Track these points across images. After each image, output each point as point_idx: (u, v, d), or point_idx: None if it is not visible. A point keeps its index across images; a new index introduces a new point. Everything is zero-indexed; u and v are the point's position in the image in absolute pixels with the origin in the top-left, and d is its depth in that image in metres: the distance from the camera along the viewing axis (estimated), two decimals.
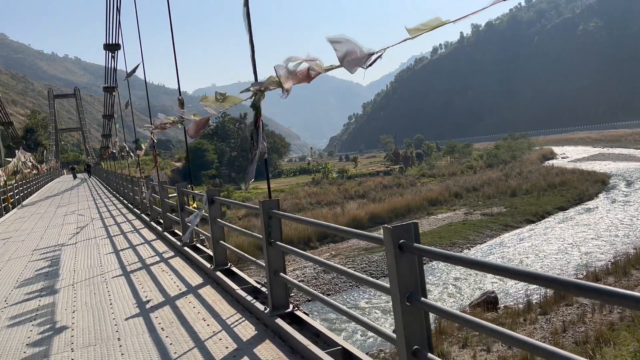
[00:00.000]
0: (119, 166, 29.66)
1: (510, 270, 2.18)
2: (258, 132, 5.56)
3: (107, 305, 5.86)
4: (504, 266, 2.11)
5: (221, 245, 6.65)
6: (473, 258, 2.35)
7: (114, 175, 27.69)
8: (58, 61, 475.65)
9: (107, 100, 27.66)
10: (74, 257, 9.24)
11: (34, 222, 15.99)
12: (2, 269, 8.73)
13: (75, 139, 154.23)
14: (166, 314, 5.31)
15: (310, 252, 26.71)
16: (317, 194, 53.92)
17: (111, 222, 14.32)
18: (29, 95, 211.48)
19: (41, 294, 6.74)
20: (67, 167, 77.95)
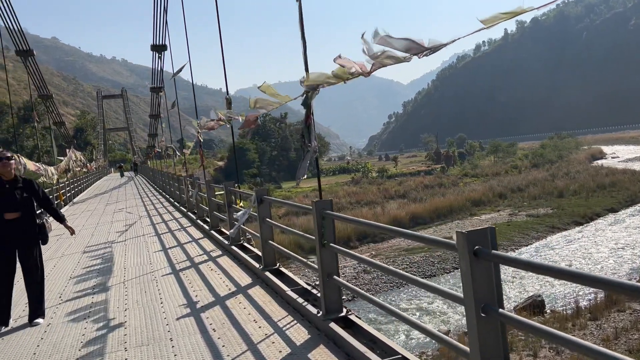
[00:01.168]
0: (165, 165, 30.32)
1: (611, 282, 1.96)
2: (309, 130, 5.44)
3: (157, 304, 5.87)
4: (603, 278, 1.89)
5: (270, 245, 6.57)
6: (562, 267, 2.14)
7: (160, 173, 28.30)
8: (106, 63, 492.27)
9: (153, 100, 28.29)
10: (124, 254, 9.39)
11: (84, 219, 16.46)
12: (56, 265, 8.95)
13: (122, 139, 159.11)
14: (217, 314, 5.27)
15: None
16: (357, 193, 53.71)
17: (158, 219, 14.57)
18: (79, 96, 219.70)
19: (94, 290, 6.84)
20: (115, 166, 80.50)
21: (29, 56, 21.23)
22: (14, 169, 5.59)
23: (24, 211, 5.50)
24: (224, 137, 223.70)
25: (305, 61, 5.42)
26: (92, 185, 38.93)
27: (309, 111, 5.43)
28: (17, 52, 20.64)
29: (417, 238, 2.94)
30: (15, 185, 5.50)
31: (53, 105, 28.99)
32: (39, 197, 5.70)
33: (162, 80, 23.75)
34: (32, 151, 53.30)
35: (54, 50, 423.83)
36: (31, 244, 5.57)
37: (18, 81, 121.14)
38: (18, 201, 5.45)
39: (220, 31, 10.19)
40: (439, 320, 18.72)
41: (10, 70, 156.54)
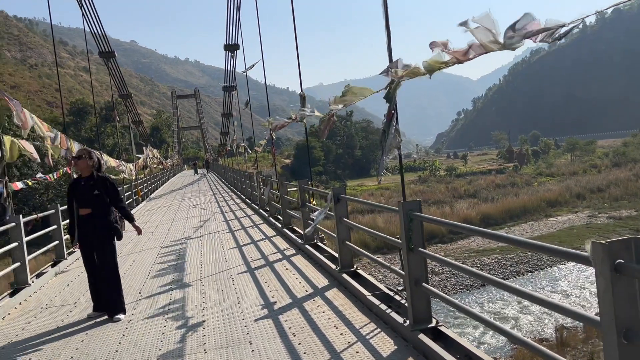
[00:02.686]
0: (236, 162, 30.94)
1: None
2: (391, 125, 5.12)
3: (235, 303, 5.77)
4: None
5: (347, 246, 6.31)
6: None
7: (232, 171, 28.89)
8: (180, 64, 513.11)
9: (226, 99, 28.91)
10: (200, 250, 9.48)
11: (161, 215, 16.98)
12: (136, 260, 9.16)
13: (195, 137, 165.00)
14: (295, 317, 5.07)
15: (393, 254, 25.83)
16: (424, 192, 52.64)
17: (231, 216, 14.74)
18: (155, 97, 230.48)
19: (172, 287, 6.88)
20: (188, 163, 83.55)
21: (110, 57, 22.31)
22: (90, 167, 5.73)
23: (96, 207, 5.63)
24: (290, 135, 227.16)
25: (390, 51, 5.11)
26: (168, 182, 40.46)
27: (391, 105, 5.11)
28: (100, 53, 21.75)
29: (540, 249, 2.56)
30: (90, 182, 5.69)
31: (132, 105, 30.37)
32: (109, 194, 5.75)
33: (235, 79, 24.17)
34: (112, 149, 56.26)
35: (132, 53, 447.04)
36: (103, 240, 5.68)
37: (100, 83, 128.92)
38: (90, 197, 5.62)
39: (295, 30, 10.08)
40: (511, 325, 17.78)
41: (93, 72, 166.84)
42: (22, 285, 7.24)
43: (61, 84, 21.37)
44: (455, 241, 31.92)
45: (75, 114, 70.62)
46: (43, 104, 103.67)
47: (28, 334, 5.40)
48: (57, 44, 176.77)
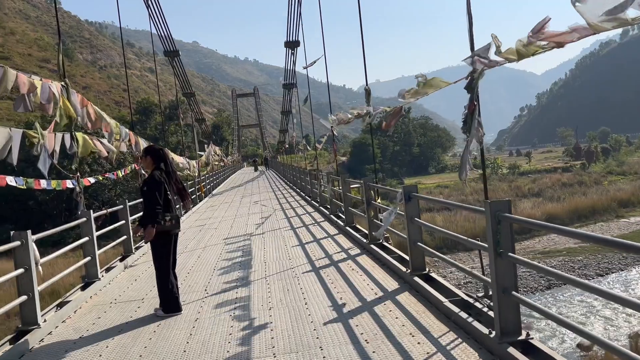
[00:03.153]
0: (294, 159, 31.03)
1: None
2: (473, 117, 4.73)
3: (302, 304, 5.56)
4: None
5: (419, 248, 5.96)
6: None
7: (291, 168, 28.98)
8: (239, 64, 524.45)
9: (285, 97, 29.00)
10: (263, 248, 9.38)
11: (223, 211, 17.17)
12: (201, 256, 9.18)
13: (253, 135, 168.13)
14: (366, 322, 4.79)
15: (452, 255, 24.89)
16: None
17: (292, 213, 14.65)
18: (215, 96, 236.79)
19: (237, 285, 6.77)
20: (247, 160, 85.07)
21: (175, 57, 22.88)
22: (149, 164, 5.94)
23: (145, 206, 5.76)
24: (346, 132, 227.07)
25: (471, 38, 4.72)
26: (228, 179, 41.23)
27: (473, 96, 4.72)
28: (166, 53, 22.36)
29: None
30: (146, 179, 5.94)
31: (195, 103, 31.10)
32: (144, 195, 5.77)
33: (295, 76, 24.17)
34: (176, 146, 58.08)
35: (194, 54, 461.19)
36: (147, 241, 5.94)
37: (164, 83, 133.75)
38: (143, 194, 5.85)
39: (361, 25, 9.78)
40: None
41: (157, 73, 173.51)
42: (93, 279, 7.36)
43: (128, 85, 22.11)
44: (518, 242, 30.58)
45: (141, 113, 73.44)
46: (111, 103, 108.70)
47: (98, 329, 5.42)
48: (125, 46, 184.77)
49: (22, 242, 5.26)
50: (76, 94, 8.30)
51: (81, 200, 8.22)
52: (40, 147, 6.90)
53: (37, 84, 6.85)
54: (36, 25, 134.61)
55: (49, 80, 7.37)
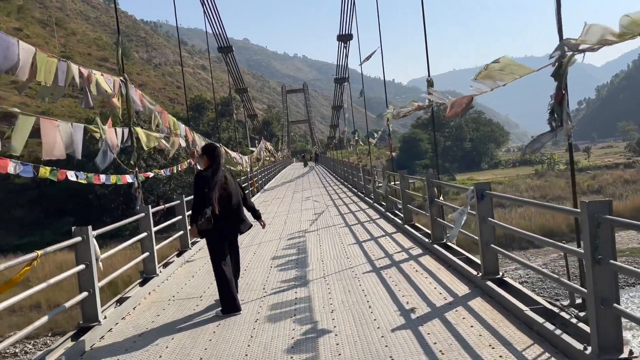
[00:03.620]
0: (345, 155, 30.72)
1: None
2: (562, 107, 4.26)
3: (365, 307, 5.26)
4: None
5: (492, 250, 5.53)
6: None
7: (342, 163, 28.70)
8: (289, 60, 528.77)
9: (337, 92, 28.70)
10: (319, 245, 9.14)
11: (276, 206, 17.09)
12: (257, 253, 9.04)
13: (302, 130, 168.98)
14: (439, 330, 4.43)
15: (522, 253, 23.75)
16: (541, 187, 49.15)
17: (345, 210, 14.36)
18: (265, 92, 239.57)
19: (295, 284, 6.54)
20: (296, 156, 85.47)
21: (228, 52, 23.05)
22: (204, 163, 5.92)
23: (237, 199, 6.05)
24: (395, 127, 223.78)
25: (559, 24, 4.26)
26: (279, 174, 41.42)
27: (561, 84, 4.26)
28: (219, 49, 22.54)
29: None
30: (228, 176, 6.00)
31: (248, 99, 31.32)
32: (241, 189, 6.25)
33: (347, 71, 23.83)
34: (227, 142, 59.05)
35: (245, 51, 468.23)
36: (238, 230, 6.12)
37: (216, 80, 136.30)
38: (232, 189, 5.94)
39: (424, 14, 9.34)
40: None
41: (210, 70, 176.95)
42: (151, 274, 7.34)
43: (181, 81, 22.41)
44: None
45: (194, 110, 75.09)
46: (166, 100, 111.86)
47: (157, 328, 5.31)
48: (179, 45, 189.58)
49: (83, 237, 5.21)
50: (134, 88, 8.32)
51: (139, 195, 8.24)
52: (103, 142, 6.91)
53: (99, 79, 6.86)
54: (95, 26, 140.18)
55: (109, 75, 7.39)
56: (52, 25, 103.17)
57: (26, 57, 5.18)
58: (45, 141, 5.49)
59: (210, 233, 5.58)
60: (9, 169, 4.89)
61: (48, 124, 5.56)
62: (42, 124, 5.44)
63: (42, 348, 17.03)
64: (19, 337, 4.39)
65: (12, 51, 4.73)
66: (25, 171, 5.17)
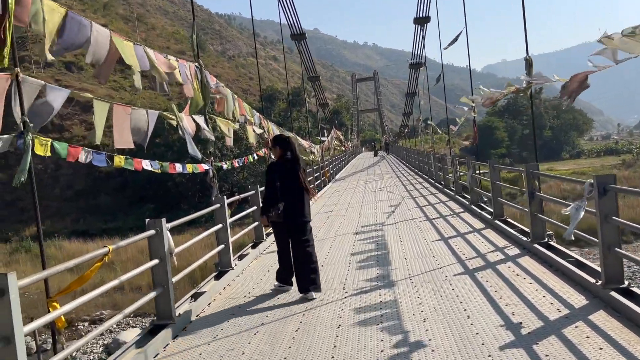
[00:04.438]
0: (418, 143, 29.62)
1: None
2: None
3: (463, 317, 4.60)
4: None
5: (616, 255, 4.67)
6: None
7: (416, 152, 27.70)
8: (358, 49, 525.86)
9: (411, 77, 27.65)
10: (399, 240, 8.50)
11: (349, 197, 16.58)
12: (333, 247, 8.56)
13: (371, 119, 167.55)
14: (558, 351, 3.71)
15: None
16: (630, 178, 45.47)
17: (423, 202, 13.59)
18: (335, 82, 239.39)
19: (378, 284, 5.98)
20: (365, 145, 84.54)
21: (301, 40, 22.69)
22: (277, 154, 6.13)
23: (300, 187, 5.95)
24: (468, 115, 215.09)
25: None
26: (349, 164, 40.90)
27: None
28: (292, 36, 22.25)
29: None
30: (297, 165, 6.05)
31: (319, 87, 30.93)
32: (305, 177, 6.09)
33: (424, 55, 22.78)
34: (297, 132, 59.25)
35: (315, 41, 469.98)
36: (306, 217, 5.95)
37: (287, 70, 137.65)
38: (297, 178, 5.91)
39: None
40: None
41: (280, 61, 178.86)
42: (226, 268, 7.05)
43: (253, 73, 22.32)
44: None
45: (266, 100, 76.07)
46: (239, 91, 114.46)
47: (232, 329, 4.94)
48: (251, 36, 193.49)
49: (156, 231, 4.92)
50: (209, 75, 8.04)
51: (215, 185, 7.98)
52: (181, 130, 6.67)
53: (174, 64, 6.60)
54: (173, 20, 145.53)
55: (184, 61, 7.13)
56: (134, 20, 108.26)
57: (102, 41, 4.94)
58: (117, 129, 5.25)
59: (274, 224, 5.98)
60: (80, 158, 4.66)
61: (120, 111, 5.32)
62: (114, 111, 5.20)
63: (125, 328, 17.67)
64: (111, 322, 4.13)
65: (83, 32, 4.47)
66: (97, 160, 4.94)
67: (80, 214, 43.01)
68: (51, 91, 4.14)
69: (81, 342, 3.81)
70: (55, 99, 4.22)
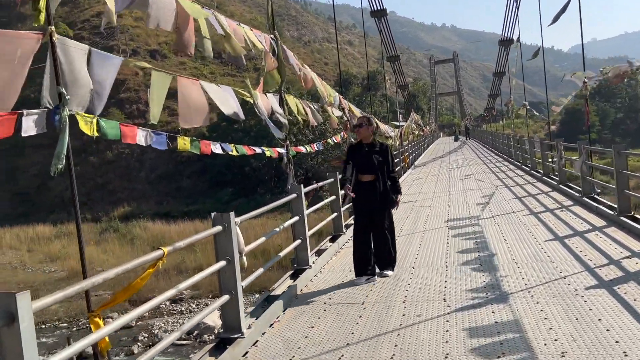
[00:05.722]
0: (506, 127, 27.46)
1: None
2: None
3: (617, 354, 3.42)
4: None
5: None
6: None
7: (504, 137, 25.67)
8: (436, 30, 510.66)
9: (501, 55, 25.50)
10: (502, 239, 7.27)
11: (432, 185, 15.31)
12: (423, 244, 7.49)
13: (448, 103, 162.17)
14: None
15: None
16: None
17: (520, 192, 12.09)
18: (411, 65, 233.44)
19: (488, 297, 4.87)
20: (443, 130, 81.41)
21: (382, 16, 21.43)
22: (371, 133, 5.95)
23: (379, 174, 5.75)
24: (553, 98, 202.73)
25: None
26: (428, 149, 39.10)
27: None
28: (372, 13, 21.04)
29: None
30: (373, 149, 5.84)
31: (399, 68, 29.49)
32: (389, 163, 5.86)
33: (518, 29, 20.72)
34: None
35: (392, 23, 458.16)
36: (383, 207, 5.79)
37: (362, 55, 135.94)
38: (374, 164, 5.75)
39: None
40: None
41: (355, 45, 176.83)
42: (303, 266, 6.22)
43: (329, 58, 21.36)
44: None
45: (340, 84, 75.08)
46: None
47: (311, 349, 4.07)
48: (326, 21, 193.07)
49: (224, 227, 4.12)
50: (286, 49, 7.18)
51: (291, 172, 7.15)
52: (257, 109, 5.89)
53: (248, 34, 5.78)
54: (251, 7, 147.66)
55: (258, 31, 6.30)
56: (214, 8, 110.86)
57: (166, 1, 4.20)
58: (183, 105, 4.49)
59: (354, 203, 5.95)
60: (138, 139, 3.93)
61: (187, 84, 4.55)
62: (179, 84, 4.44)
63: (203, 308, 17.59)
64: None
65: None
66: (158, 142, 4.20)
67: (163, 196, 44.51)
68: (98, 58, 3.40)
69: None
70: (104, 68, 3.49)
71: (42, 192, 45.27)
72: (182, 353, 15.01)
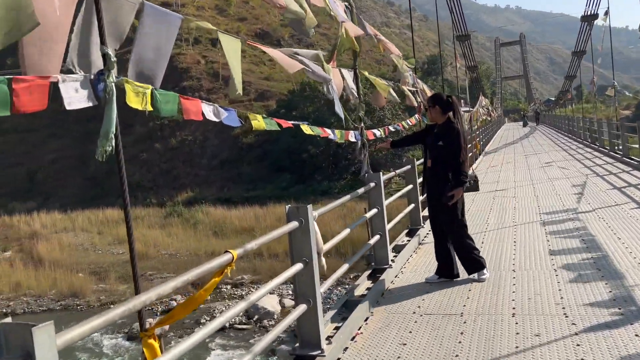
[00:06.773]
0: (588, 111, 25.34)
1: None
2: None
3: None
4: None
5: None
6: None
7: (586, 120, 23.71)
8: (499, 12, 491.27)
9: (582, 32, 23.40)
10: (615, 238, 6.17)
11: (510, 173, 14.07)
12: (518, 242, 6.49)
13: (513, 88, 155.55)
14: None
15: None
16: None
17: (618, 181, 10.73)
18: (473, 48, 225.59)
19: (623, 313, 3.91)
20: (508, 115, 77.76)
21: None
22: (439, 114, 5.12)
23: (435, 160, 5.09)
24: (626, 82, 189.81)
25: None
26: (496, 135, 37.09)
27: None
28: None
29: None
30: (440, 132, 5.10)
31: (469, 47, 27.87)
32: (448, 149, 4.96)
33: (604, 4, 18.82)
34: None
35: None
36: (436, 198, 5.06)
37: (421, 39, 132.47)
38: (434, 149, 5.10)
39: None
40: None
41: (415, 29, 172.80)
42: (382, 265, 5.45)
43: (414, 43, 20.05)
44: None
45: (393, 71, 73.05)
46: (372, 62, 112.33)
47: None
48: (385, 6, 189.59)
49: (300, 222, 3.41)
50: (363, 21, 6.36)
51: (365, 158, 6.36)
52: (326, 87, 5.14)
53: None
54: None
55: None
56: None
57: None
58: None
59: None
60: (205, 113, 3.27)
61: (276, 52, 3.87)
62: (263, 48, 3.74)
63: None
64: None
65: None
66: (229, 118, 3.52)
67: (224, 182, 44.94)
68: (153, 13, 2.73)
69: None
70: (161, 26, 2.82)
71: (111, 177, 46.79)
72: (241, 337, 14.76)
